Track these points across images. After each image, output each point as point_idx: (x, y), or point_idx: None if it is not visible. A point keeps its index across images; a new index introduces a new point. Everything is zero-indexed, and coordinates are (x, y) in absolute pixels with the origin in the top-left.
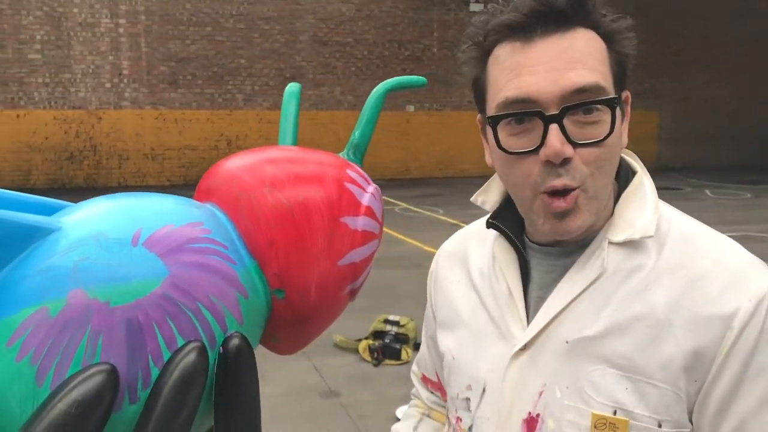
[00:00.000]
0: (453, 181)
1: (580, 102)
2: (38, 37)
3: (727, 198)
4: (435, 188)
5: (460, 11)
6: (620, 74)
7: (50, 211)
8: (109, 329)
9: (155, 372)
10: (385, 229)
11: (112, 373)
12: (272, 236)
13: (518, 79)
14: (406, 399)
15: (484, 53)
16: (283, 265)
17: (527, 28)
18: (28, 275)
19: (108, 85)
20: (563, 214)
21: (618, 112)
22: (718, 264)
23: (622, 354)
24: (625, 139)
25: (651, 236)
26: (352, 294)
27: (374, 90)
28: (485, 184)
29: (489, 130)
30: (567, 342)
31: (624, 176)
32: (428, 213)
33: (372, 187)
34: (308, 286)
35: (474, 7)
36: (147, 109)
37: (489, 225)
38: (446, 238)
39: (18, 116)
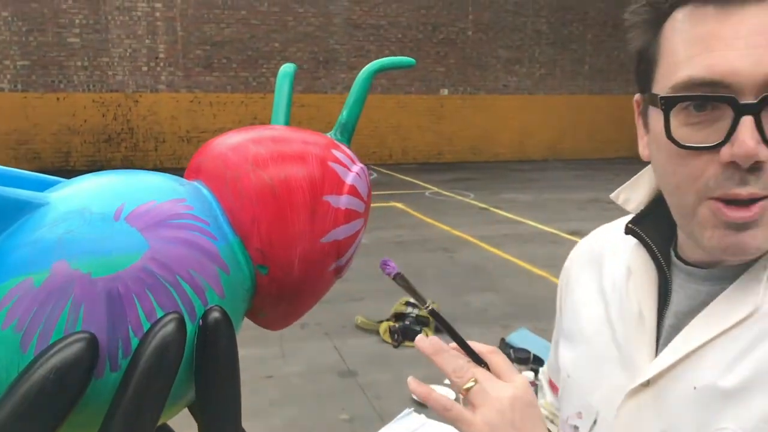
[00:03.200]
0: (486, 166)
1: None
2: (77, 21)
3: None
4: (467, 172)
5: None
6: None
7: (45, 186)
8: (90, 300)
9: (135, 342)
10: (413, 212)
11: (92, 340)
12: (255, 213)
13: (709, 54)
14: (424, 381)
15: (659, 16)
16: (265, 241)
17: None
18: (16, 247)
19: (145, 68)
20: (741, 227)
21: None
22: None
23: (760, 416)
24: None
25: None
26: (338, 271)
27: (362, 71)
28: (632, 179)
29: (654, 115)
30: (695, 388)
31: None
32: (459, 197)
33: (357, 167)
34: (291, 262)
35: None
36: (182, 92)
37: (628, 231)
38: (474, 223)
39: (58, 99)
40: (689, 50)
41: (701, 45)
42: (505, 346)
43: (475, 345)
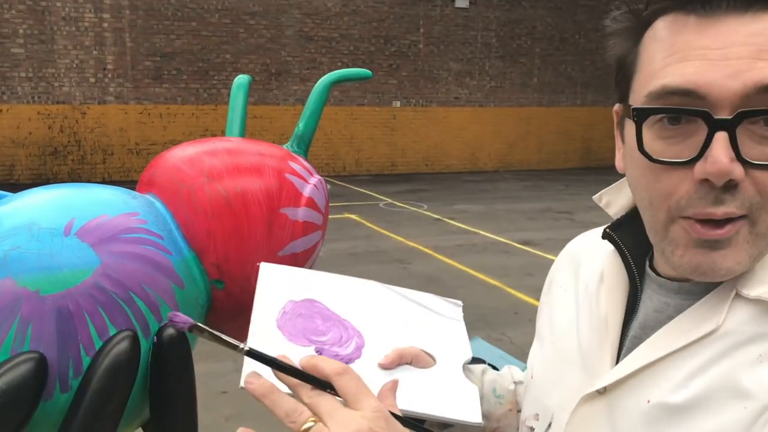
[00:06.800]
0: (439, 177)
1: (765, 108)
2: (21, 31)
3: None
4: (421, 184)
5: (446, 7)
6: None
7: None
8: (39, 318)
9: (87, 361)
10: (367, 223)
11: (41, 361)
12: (210, 227)
13: (684, 63)
14: None
15: (640, 25)
16: (221, 255)
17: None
18: None
19: (92, 80)
20: (713, 245)
21: None
22: None
23: None
24: None
25: None
26: None
27: (318, 82)
28: (616, 183)
29: (629, 126)
30: (648, 401)
31: None
32: (412, 208)
33: (315, 179)
34: (248, 277)
35: (460, 2)
36: (131, 104)
37: (605, 236)
38: (428, 234)
39: (1, 111)
40: (666, 59)
41: (678, 54)
42: None
43: (320, 365)
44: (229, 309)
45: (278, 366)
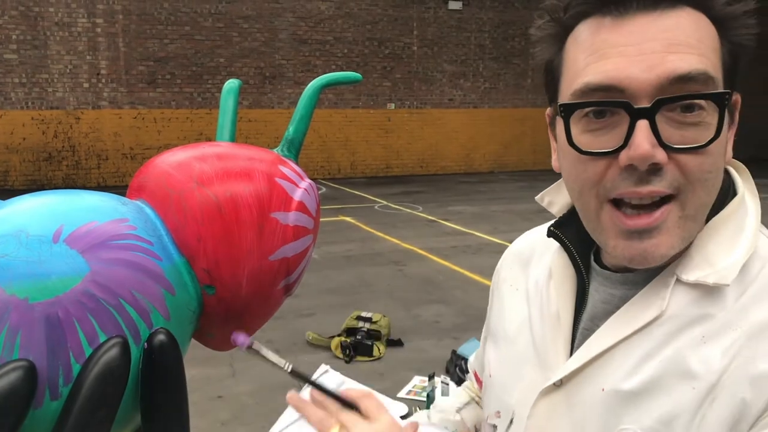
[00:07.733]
0: (434, 179)
1: (679, 95)
2: (14, 37)
3: None
4: (416, 185)
5: (439, 9)
6: (732, 70)
7: None
8: (28, 326)
9: (77, 368)
10: (362, 226)
11: (30, 369)
12: (200, 232)
13: (603, 61)
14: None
15: (562, 30)
16: (212, 260)
17: (620, 1)
18: None
19: (86, 85)
20: (643, 234)
21: (726, 113)
22: None
23: (658, 417)
24: (729, 152)
25: (727, 285)
26: (288, 289)
27: (308, 86)
28: (557, 183)
29: (560, 124)
30: (603, 390)
31: (721, 197)
32: (408, 210)
33: (305, 183)
34: (239, 282)
35: (452, 5)
36: (125, 108)
37: (550, 234)
38: (423, 235)
39: None
40: (587, 59)
41: (598, 53)
42: (456, 358)
43: (349, 392)
44: (220, 314)
45: (317, 386)
